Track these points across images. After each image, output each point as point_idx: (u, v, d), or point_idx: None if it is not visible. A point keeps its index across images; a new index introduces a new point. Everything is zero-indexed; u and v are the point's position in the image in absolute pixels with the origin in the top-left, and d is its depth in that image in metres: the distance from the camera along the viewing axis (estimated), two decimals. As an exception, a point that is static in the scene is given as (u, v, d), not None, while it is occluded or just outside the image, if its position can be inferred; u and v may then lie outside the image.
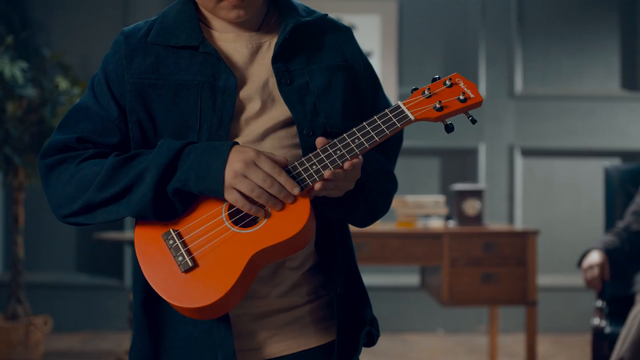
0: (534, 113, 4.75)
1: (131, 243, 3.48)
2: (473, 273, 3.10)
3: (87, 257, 4.62)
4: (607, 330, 2.51)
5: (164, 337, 1.16)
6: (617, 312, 2.60)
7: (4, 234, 4.56)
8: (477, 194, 3.29)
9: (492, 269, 3.10)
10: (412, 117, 1.10)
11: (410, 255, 3.12)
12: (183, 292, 1.04)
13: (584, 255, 2.68)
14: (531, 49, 4.78)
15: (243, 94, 1.15)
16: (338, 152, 1.07)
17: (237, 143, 1.09)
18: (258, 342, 1.17)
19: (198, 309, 1.04)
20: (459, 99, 1.11)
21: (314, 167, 1.07)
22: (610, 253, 2.66)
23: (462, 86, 1.13)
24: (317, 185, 1.07)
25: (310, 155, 1.09)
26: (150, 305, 1.16)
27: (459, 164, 4.76)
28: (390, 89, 4.59)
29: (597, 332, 2.51)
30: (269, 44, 1.19)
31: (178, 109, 1.13)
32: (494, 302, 3.13)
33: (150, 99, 1.14)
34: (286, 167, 1.09)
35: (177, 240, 1.07)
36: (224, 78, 1.14)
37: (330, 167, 1.07)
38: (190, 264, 1.05)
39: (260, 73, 1.17)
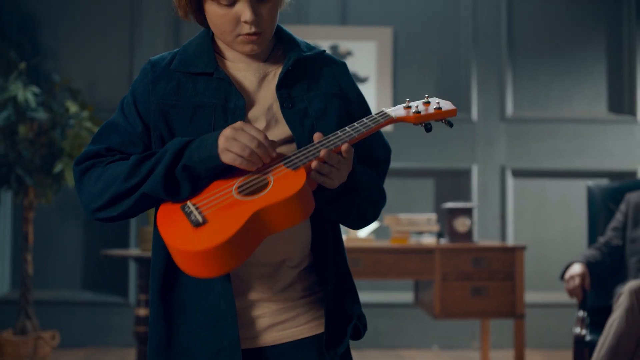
0: (525, 135, 4.90)
1: (135, 259, 3.63)
2: (463, 287, 3.24)
3: (92, 275, 4.73)
4: (588, 338, 2.65)
5: (177, 322, 1.30)
6: (598, 321, 2.74)
7: (13, 252, 4.69)
8: (467, 212, 3.44)
9: (481, 283, 3.25)
10: (393, 115, 1.31)
11: (404, 270, 3.27)
12: (192, 239, 1.17)
13: (567, 267, 2.84)
14: (521, 73, 4.94)
15: (251, 114, 1.33)
16: (332, 140, 1.25)
17: None
18: (258, 331, 1.32)
19: (203, 252, 1.14)
20: (434, 107, 1.33)
21: (311, 151, 1.24)
22: (591, 266, 2.81)
23: (437, 100, 1.34)
24: (314, 164, 1.22)
25: (308, 145, 1.26)
26: (165, 293, 1.31)
27: (452, 184, 4.89)
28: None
29: (579, 340, 2.65)
30: (274, 74, 1.37)
31: (195, 127, 1.31)
32: (483, 315, 3.27)
33: (172, 117, 1.32)
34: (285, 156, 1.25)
35: (192, 207, 1.22)
36: (234, 100, 1.32)
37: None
38: (200, 220, 1.18)
39: (266, 98, 1.35)
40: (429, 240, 3.38)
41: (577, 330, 2.68)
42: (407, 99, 1.37)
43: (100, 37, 4.83)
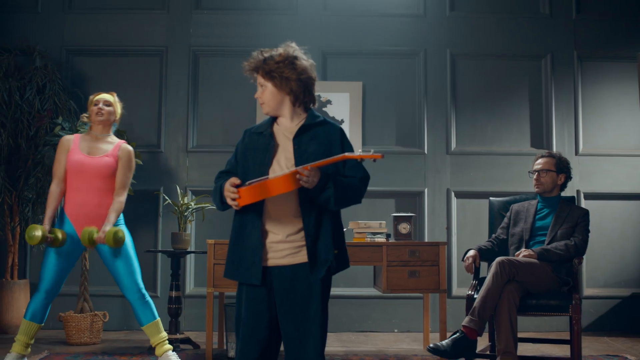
0: (466, 165, 5.88)
1: (169, 254, 4.90)
2: (403, 271, 4.49)
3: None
4: (475, 296, 3.94)
5: (237, 249, 2.56)
6: (485, 287, 4.01)
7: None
8: (408, 219, 4.73)
9: (415, 268, 4.50)
10: (346, 153, 2.45)
11: (361, 259, 4.53)
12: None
13: (466, 253, 4.15)
14: (463, 117, 5.93)
15: (279, 150, 2.56)
16: (307, 165, 2.44)
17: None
18: (273, 258, 2.54)
19: (251, 186, 2.38)
20: (372, 152, 2.45)
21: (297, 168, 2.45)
22: (481, 251, 4.11)
23: (373, 149, 2.57)
24: (300, 171, 2.40)
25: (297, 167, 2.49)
26: (235, 239, 2.57)
27: (409, 203, 5.90)
28: (356, 148, 5.86)
29: (469, 298, 3.92)
30: (292, 131, 2.59)
31: (257, 157, 2.55)
32: (417, 290, 4.50)
33: (247, 154, 2.59)
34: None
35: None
36: (272, 144, 2.57)
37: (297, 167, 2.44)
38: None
39: (286, 143, 2.57)
40: (380, 239, 4.67)
41: (469, 292, 3.98)
42: (360, 149, 2.49)
43: (135, 91, 5.86)
